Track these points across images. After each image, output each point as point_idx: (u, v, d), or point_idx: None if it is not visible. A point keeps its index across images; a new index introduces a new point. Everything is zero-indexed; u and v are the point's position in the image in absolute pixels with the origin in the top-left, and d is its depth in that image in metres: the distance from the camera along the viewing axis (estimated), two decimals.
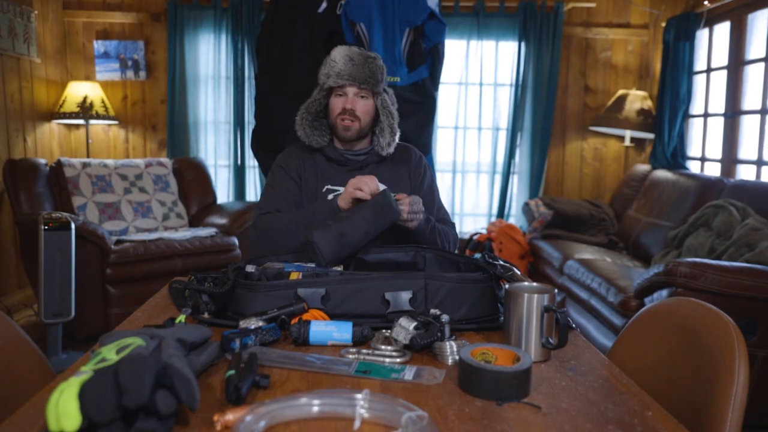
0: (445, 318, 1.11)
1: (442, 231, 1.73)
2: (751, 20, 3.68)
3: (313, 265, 1.41)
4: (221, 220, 3.83)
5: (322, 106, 1.78)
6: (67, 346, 3.03)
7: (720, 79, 3.96)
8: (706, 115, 4.13)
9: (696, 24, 4.03)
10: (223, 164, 4.63)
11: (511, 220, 4.71)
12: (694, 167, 4.22)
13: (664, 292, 2.42)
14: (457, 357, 1.06)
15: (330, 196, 1.74)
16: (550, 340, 1.09)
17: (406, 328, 1.10)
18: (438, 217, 1.83)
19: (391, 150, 1.78)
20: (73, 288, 2.86)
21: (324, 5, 2.76)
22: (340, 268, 1.41)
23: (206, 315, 1.25)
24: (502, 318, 1.25)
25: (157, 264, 3.31)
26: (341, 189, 1.74)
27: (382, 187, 1.56)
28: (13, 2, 3.78)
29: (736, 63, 3.76)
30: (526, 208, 4.29)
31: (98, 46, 4.46)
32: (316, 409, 0.84)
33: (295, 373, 1.00)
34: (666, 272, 2.35)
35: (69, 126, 4.48)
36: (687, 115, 4.19)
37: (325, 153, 1.80)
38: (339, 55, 1.72)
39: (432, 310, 1.14)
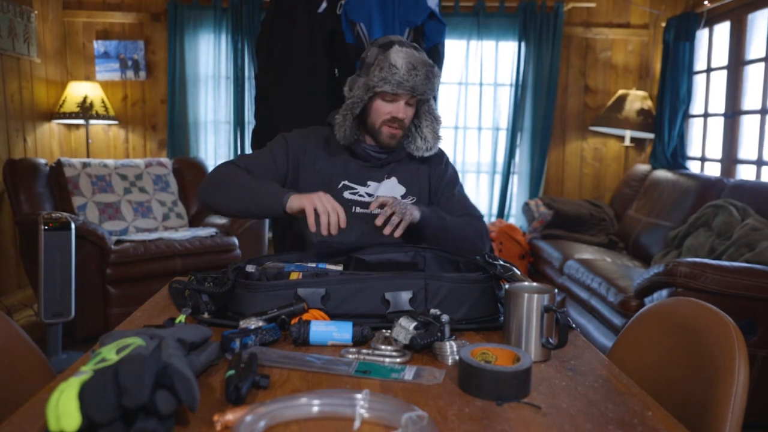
0: (445, 318, 1.10)
1: (458, 224, 1.65)
2: (751, 20, 3.68)
3: (313, 265, 1.41)
4: (221, 220, 3.83)
5: (364, 105, 1.67)
6: (67, 346, 3.03)
7: (720, 79, 3.96)
8: (706, 115, 4.13)
9: (696, 24, 4.03)
10: None
11: (511, 220, 4.71)
12: (694, 167, 4.22)
13: (664, 292, 2.42)
14: (457, 357, 1.06)
15: (346, 193, 1.70)
16: (550, 340, 1.09)
17: (406, 328, 1.10)
18: (463, 211, 1.76)
19: (431, 153, 1.72)
20: (73, 288, 2.86)
21: (324, 5, 2.76)
22: (340, 268, 1.41)
23: (206, 315, 1.24)
24: (502, 318, 1.25)
25: (157, 264, 3.31)
26: (359, 188, 1.71)
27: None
28: (13, 2, 3.78)
29: (736, 63, 3.76)
30: (526, 208, 4.29)
31: (98, 46, 4.46)
32: (316, 409, 0.84)
33: (295, 373, 1.00)
34: (666, 272, 2.35)
35: (69, 126, 4.48)
36: (687, 115, 4.19)
37: (349, 147, 1.72)
38: (401, 60, 1.57)
39: (432, 310, 1.14)
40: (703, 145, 4.15)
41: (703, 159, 4.14)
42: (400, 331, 1.11)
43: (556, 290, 1.13)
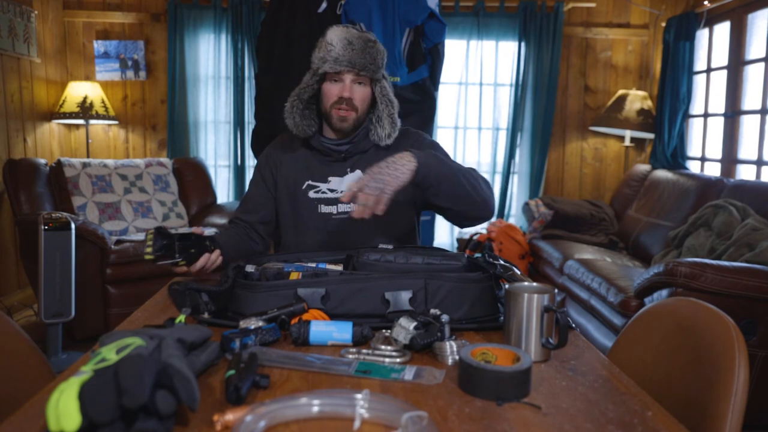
0: (445, 318, 1.10)
1: (462, 169, 1.48)
2: (751, 20, 3.68)
3: (313, 265, 1.41)
4: (221, 220, 3.83)
5: (313, 91, 1.64)
6: (67, 346, 3.03)
7: (720, 79, 3.96)
8: (706, 115, 4.13)
9: (696, 24, 4.03)
10: (223, 164, 4.63)
11: (511, 220, 4.70)
12: (694, 167, 4.22)
13: (664, 292, 2.42)
14: (457, 357, 1.05)
15: (310, 193, 1.68)
16: (550, 340, 1.09)
17: (406, 328, 1.10)
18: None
19: (391, 141, 1.65)
20: (73, 288, 2.86)
21: (324, 5, 2.77)
22: (340, 268, 1.41)
23: (206, 315, 1.24)
24: (502, 318, 1.25)
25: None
26: (322, 186, 1.68)
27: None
28: (13, 2, 3.78)
29: (736, 63, 3.76)
30: (526, 208, 4.29)
31: (98, 46, 4.46)
32: (316, 409, 0.84)
33: (295, 373, 1.00)
34: (666, 272, 2.34)
35: (69, 126, 4.48)
36: (687, 115, 4.18)
37: (308, 143, 1.69)
38: (336, 37, 1.57)
39: (432, 310, 1.14)
40: (703, 145, 4.15)
41: (703, 159, 4.14)
42: (400, 331, 1.10)
43: (556, 290, 1.13)
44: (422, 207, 1.77)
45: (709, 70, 4.09)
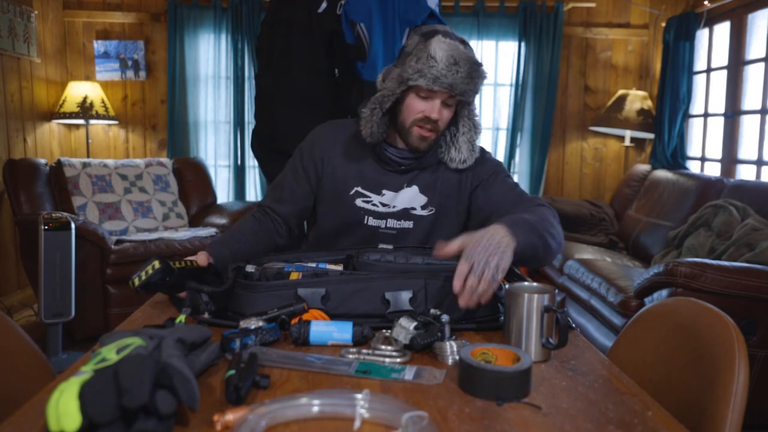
0: (445, 318, 1.10)
1: (545, 228, 1.33)
2: (751, 20, 3.68)
3: (313, 265, 1.41)
4: (221, 220, 3.83)
5: (396, 99, 1.47)
6: (67, 346, 3.03)
7: (720, 79, 3.96)
8: (706, 115, 4.13)
9: (696, 24, 4.03)
10: (223, 164, 4.63)
11: None
12: (694, 167, 4.22)
13: (664, 292, 2.42)
14: (457, 357, 1.05)
15: (358, 201, 1.56)
16: (550, 340, 1.09)
17: (406, 328, 1.10)
18: (514, 199, 1.53)
19: (464, 167, 1.53)
20: (73, 288, 2.86)
21: (324, 5, 2.76)
22: (340, 268, 1.41)
23: (206, 315, 1.24)
24: (502, 318, 1.25)
25: None
26: (374, 197, 1.55)
27: None
28: (13, 2, 3.78)
29: (736, 63, 3.76)
30: None
31: (98, 46, 4.46)
32: (316, 409, 0.84)
33: (295, 373, 1.00)
34: (666, 272, 2.34)
35: (69, 126, 4.48)
36: (687, 115, 4.19)
37: (372, 147, 1.54)
38: (442, 52, 1.39)
39: (432, 310, 1.14)
40: (703, 145, 4.15)
41: (703, 159, 4.14)
42: (400, 331, 1.10)
43: (556, 290, 1.13)
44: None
45: (709, 70, 4.09)
